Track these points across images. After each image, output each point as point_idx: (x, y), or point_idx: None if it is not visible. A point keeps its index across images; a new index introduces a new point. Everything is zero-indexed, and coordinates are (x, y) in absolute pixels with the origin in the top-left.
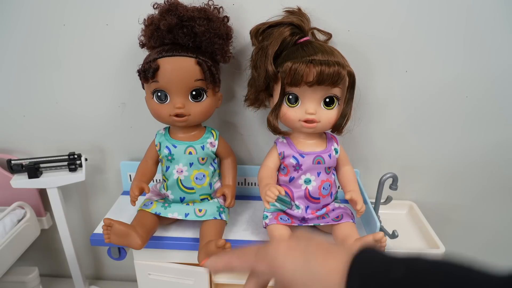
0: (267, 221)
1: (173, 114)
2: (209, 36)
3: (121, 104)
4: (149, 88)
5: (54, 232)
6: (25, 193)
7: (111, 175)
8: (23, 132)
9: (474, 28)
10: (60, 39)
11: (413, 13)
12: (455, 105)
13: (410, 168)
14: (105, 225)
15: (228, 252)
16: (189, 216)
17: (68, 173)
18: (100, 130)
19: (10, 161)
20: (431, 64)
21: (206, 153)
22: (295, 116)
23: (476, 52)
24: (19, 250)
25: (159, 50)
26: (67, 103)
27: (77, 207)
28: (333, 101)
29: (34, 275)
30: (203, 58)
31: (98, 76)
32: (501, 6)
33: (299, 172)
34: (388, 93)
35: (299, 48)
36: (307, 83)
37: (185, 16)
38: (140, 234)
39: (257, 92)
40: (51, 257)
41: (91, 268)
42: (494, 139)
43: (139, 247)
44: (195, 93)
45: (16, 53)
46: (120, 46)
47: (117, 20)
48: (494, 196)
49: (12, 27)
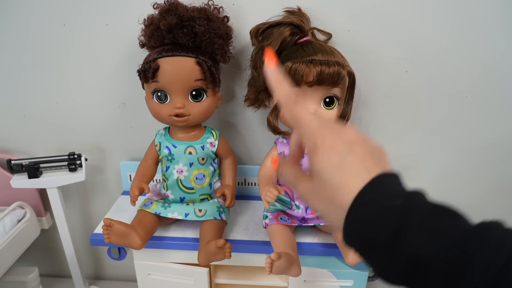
0: (267, 221)
1: (173, 114)
2: (209, 36)
3: (121, 104)
4: (149, 88)
5: (54, 232)
6: (25, 193)
7: (111, 175)
8: (23, 132)
9: (475, 28)
10: (60, 39)
11: (413, 13)
12: (455, 105)
13: (410, 168)
14: (105, 225)
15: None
16: (189, 216)
17: (68, 173)
18: (100, 130)
19: (10, 161)
20: (431, 64)
21: (206, 153)
22: None
23: (476, 52)
24: (19, 250)
25: (159, 50)
26: (67, 103)
27: (77, 207)
28: (333, 101)
29: (34, 275)
30: (203, 58)
31: (98, 76)
32: (502, 7)
33: None
34: (388, 93)
35: (299, 48)
36: (307, 83)
37: (185, 16)
38: (140, 234)
39: (257, 92)
40: (51, 257)
41: (91, 268)
42: (494, 139)
43: (139, 247)
44: (195, 93)
45: (16, 53)
46: (120, 46)
47: (117, 20)
48: (494, 196)
49: (12, 27)
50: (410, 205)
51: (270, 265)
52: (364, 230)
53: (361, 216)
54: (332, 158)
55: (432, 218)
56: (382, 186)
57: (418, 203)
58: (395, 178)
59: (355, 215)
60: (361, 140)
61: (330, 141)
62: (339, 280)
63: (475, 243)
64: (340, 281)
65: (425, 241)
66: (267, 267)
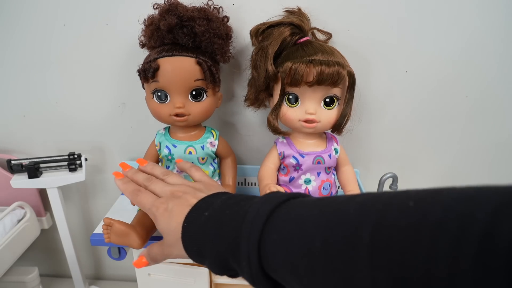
0: None
1: (173, 114)
2: (208, 36)
3: (121, 104)
4: (149, 88)
5: (54, 232)
6: (25, 193)
7: (111, 175)
8: (23, 132)
9: (475, 28)
10: (60, 39)
11: (413, 13)
12: (455, 105)
13: (410, 168)
14: (105, 224)
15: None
16: None
17: (68, 173)
18: (100, 130)
19: (10, 161)
20: (431, 64)
21: (206, 153)
22: (295, 116)
23: (476, 52)
24: (19, 250)
25: (159, 50)
26: (67, 103)
27: (77, 207)
28: (333, 101)
29: (34, 275)
30: (203, 58)
31: (98, 76)
32: (502, 7)
33: (299, 172)
34: (388, 93)
35: (299, 48)
36: (307, 83)
37: (185, 16)
38: (140, 233)
39: (257, 92)
40: (51, 257)
41: (91, 268)
42: (494, 139)
43: (139, 247)
44: (195, 93)
45: (16, 53)
46: (120, 46)
47: (117, 20)
48: None
49: (12, 27)
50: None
51: None
52: (192, 246)
53: (187, 237)
54: (164, 216)
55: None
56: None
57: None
58: (213, 198)
59: (184, 238)
60: (181, 189)
61: (161, 208)
62: None
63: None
64: None
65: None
66: None
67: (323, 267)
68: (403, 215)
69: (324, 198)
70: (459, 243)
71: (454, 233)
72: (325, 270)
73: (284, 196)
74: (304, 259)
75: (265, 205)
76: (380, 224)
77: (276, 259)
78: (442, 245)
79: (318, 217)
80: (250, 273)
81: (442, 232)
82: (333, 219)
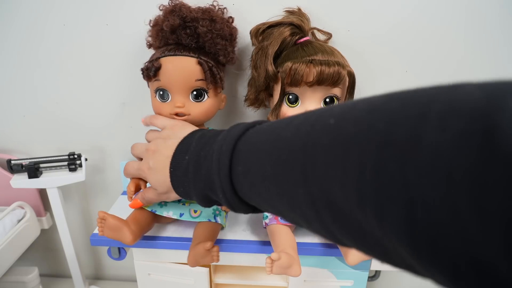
0: (267, 221)
1: (173, 113)
2: (211, 37)
3: (121, 104)
4: (152, 87)
5: (54, 232)
6: (25, 193)
7: (111, 175)
8: (23, 132)
9: (475, 28)
10: (60, 39)
11: (413, 13)
12: None
13: None
14: (99, 218)
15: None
16: (184, 216)
17: (68, 173)
18: (100, 130)
19: (10, 161)
20: (431, 64)
21: None
22: None
23: (476, 53)
24: (19, 250)
25: (163, 49)
26: (67, 103)
27: (77, 207)
28: (333, 101)
29: (34, 275)
30: (204, 59)
31: (98, 76)
32: (502, 7)
33: None
34: None
35: (299, 48)
36: (307, 83)
37: (188, 17)
38: (132, 229)
39: (257, 92)
40: (51, 257)
41: (91, 268)
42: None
43: (130, 243)
44: (196, 93)
45: (16, 53)
46: (120, 46)
47: (117, 20)
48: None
49: (12, 27)
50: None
51: (270, 265)
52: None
53: (174, 180)
54: (151, 174)
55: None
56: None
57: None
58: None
59: (172, 182)
60: (153, 145)
61: (145, 168)
62: (339, 280)
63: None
64: (340, 281)
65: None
66: (267, 267)
67: (276, 188)
68: (325, 132)
69: (273, 123)
70: (365, 153)
71: (364, 147)
72: (277, 190)
73: (243, 128)
74: (263, 184)
75: (228, 140)
76: (306, 144)
77: (244, 188)
78: (354, 157)
79: (266, 144)
80: (228, 202)
81: (355, 146)
82: (276, 145)
